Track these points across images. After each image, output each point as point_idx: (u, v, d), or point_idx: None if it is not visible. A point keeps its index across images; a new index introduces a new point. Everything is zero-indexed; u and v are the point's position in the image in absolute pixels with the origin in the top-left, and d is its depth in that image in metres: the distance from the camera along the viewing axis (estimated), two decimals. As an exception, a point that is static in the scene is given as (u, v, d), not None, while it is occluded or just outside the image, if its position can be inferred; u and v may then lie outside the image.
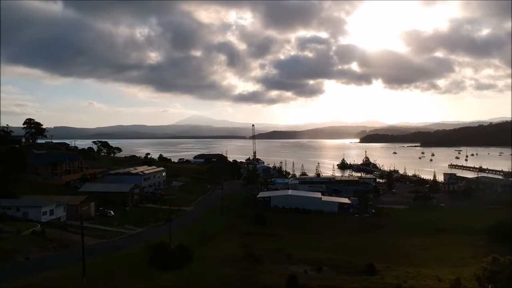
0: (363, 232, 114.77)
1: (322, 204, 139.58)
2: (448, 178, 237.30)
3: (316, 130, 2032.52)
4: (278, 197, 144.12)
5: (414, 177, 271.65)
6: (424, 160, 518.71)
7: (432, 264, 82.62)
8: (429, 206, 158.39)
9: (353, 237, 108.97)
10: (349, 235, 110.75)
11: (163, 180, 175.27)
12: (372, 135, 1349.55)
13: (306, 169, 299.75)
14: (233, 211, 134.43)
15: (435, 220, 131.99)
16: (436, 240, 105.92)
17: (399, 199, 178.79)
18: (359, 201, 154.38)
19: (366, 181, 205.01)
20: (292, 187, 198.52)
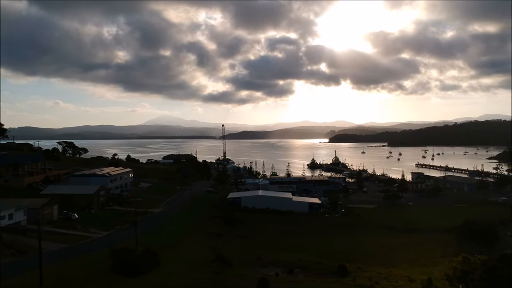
0: (333, 232, 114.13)
1: (293, 204, 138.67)
2: (415, 177, 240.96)
3: (286, 130, 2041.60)
4: (248, 197, 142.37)
5: (382, 176, 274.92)
6: (392, 160, 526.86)
7: (403, 264, 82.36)
8: (398, 205, 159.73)
9: (323, 237, 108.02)
10: (319, 235, 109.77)
11: (130, 181, 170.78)
12: (341, 135, 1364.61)
13: (276, 169, 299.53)
14: (202, 212, 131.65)
15: (404, 219, 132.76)
16: (406, 239, 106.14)
17: (369, 198, 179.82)
18: (329, 200, 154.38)
19: (336, 181, 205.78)
20: (262, 187, 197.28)
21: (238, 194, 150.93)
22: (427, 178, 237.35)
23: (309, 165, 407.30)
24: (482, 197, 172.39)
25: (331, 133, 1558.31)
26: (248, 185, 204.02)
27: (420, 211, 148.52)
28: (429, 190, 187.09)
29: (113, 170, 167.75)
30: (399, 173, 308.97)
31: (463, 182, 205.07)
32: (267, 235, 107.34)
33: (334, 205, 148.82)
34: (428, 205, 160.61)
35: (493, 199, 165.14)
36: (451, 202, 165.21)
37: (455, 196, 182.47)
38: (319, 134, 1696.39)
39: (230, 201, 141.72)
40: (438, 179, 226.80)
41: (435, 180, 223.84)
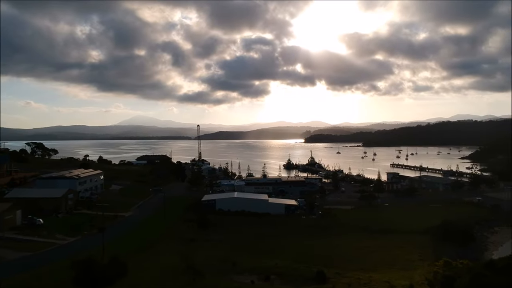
0: (310, 235, 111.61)
1: (269, 206, 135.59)
2: (391, 177, 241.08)
3: (262, 130, 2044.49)
4: (224, 200, 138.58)
5: (358, 177, 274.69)
6: (366, 160, 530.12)
7: (382, 268, 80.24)
8: (374, 205, 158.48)
9: (300, 240, 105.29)
10: (296, 238, 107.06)
11: (101, 183, 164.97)
12: (317, 135, 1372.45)
13: (252, 170, 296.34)
14: (176, 215, 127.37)
15: (380, 220, 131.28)
16: (384, 241, 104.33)
17: (345, 199, 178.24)
18: (306, 202, 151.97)
19: (312, 182, 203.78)
20: (238, 188, 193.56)
21: (212, 196, 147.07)
22: (402, 178, 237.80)
23: (285, 165, 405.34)
24: (457, 197, 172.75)
25: (306, 134, 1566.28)
26: (224, 186, 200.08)
27: (396, 212, 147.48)
28: (405, 190, 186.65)
29: (83, 172, 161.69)
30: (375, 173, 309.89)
31: (438, 182, 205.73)
32: (242, 239, 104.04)
33: (310, 207, 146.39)
34: (404, 205, 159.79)
35: (468, 199, 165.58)
36: (427, 202, 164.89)
37: (430, 196, 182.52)
38: (294, 135, 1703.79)
39: (205, 204, 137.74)
40: (413, 179, 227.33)
41: (410, 180, 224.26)
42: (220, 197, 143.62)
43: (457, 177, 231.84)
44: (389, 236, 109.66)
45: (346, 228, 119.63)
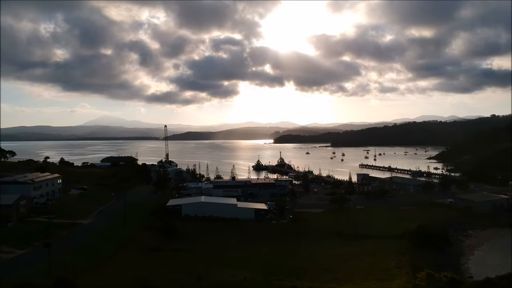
0: (282, 241, 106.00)
1: (238, 211, 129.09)
2: (361, 178, 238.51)
3: (231, 131, 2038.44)
4: (190, 204, 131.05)
5: (328, 178, 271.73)
6: (335, 160, 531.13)
7: (358, 278, 75.34)
8: (345, 208, 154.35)
9: (271, 247, 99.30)
10: (267, 246, 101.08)
11: (58, 188, 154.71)
12: (286, 136, 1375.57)
13: (221, 172, 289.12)
14: (138, 222, 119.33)
15: (353, 224, 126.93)
16: (358, 247, 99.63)
17: (316, 201, 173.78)
18: (276, 206, 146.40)
19: (282, 184, 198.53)
20: (205, 191, 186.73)
21: (178, 201, 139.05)
22: (373, 179, 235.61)
23: (255, 166, 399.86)
24: (428, 199, 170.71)
25: (275, 134, 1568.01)
26: (191, 189, 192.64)
27: (368, 215, 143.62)
28: (376, 192, 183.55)
29: (38, 176, 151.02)
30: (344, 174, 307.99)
31: (408, 183, 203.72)
32: (209, 248, 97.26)
33: (281, 211, 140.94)
34: (376, 208, 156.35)
35: (439, 201, 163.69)
36: (398, 204, 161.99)
37: (402, 198, 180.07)
38: (264, 135, 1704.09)
39: (170, 209, 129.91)
40: (384, 180, 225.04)
41: (380, 182, 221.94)
42: (186, 201, 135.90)
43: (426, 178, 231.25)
44: (363, 242, 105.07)
45: (318, 234, 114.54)
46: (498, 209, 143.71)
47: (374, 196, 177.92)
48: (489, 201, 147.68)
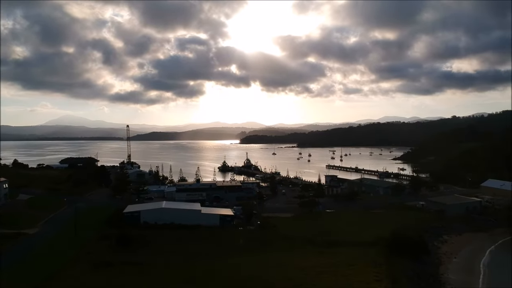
0: (249, 251, 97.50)
1: (202, 218, 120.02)
2: (329, 180, 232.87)
3: (197, 131, 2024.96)
4: (149, 211, 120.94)
5: (296, 179, 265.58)
6: (302, 161, 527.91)
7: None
8: (315, 212, 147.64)
9: (237, 259, 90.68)
10: (232, 257, 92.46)
11: (4, 193, 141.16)
12: (252, 136, 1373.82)
13: (185, 173, 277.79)
14: (92, 231, 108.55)
15: (324, 230, 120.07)
16: (332, 257, 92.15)
17: (284, 205, 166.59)
18: (243, 210, 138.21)
19: (249, 186, 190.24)
20: (168, 195, 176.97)
21: (137, 207, 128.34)
22: (341, 181, 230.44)
23: (220, 168, 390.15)
24: (399, 202, 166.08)
25: (242, 134, 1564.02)
26: (152, 193, 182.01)
27: (339, 219, 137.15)
28: (346, 194, 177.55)
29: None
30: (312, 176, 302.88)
31: (378, 185, 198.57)
32: (169, 261, 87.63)
33: (248, 216, 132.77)
34: (346, 211, 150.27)
35: (410, 204, 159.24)
36: (369, 207, 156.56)
37: (372, 200, 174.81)
38: (230, 135, 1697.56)
39: (128, 216, 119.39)
40: (353, 182, 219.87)
41: (349, 183, 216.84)
42: (145, 207, 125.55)
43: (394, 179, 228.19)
44: (337, 250, 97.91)
45: (288, 241, 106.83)
46: (471, 212, 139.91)
47: (343, 199, 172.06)
48: (461, 204, 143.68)
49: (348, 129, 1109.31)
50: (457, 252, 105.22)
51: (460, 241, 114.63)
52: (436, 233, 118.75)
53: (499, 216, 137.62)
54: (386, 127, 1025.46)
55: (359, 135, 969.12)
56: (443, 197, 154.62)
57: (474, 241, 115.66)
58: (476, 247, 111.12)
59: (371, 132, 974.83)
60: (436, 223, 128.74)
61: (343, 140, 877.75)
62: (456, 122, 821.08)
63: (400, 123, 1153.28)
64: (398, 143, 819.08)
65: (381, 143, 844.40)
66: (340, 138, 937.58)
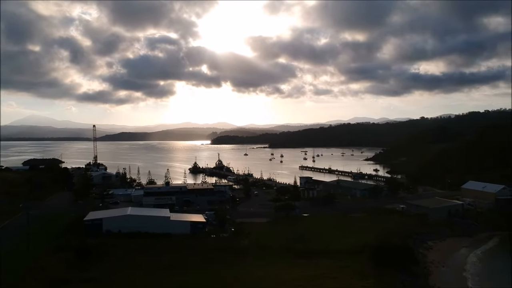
0: (223, 262, 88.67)
1: (171, 225, 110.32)
2: (304, 182, 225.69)
3: (167, 131, 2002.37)
4: (113, 218, 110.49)
5: (269, 181, 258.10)
6: (274, 162, 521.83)
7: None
8: (292, 217, 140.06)
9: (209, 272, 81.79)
10: (204, 269, 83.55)
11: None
12: (223, 137, 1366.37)
13: (154, 175, 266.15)
14: (48, 242, 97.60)
15: (303, 236, 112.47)
16: (314, 268, 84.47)
17: (259, 209, 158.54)
18: (216, 216, 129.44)
19: (222, 189, 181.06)
20: (135, 199, 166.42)
21: (99, 214, 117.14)
22: (317, 182, 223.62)
23: (191, 169, 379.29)
24: (378, 205, 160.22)
25: (213, 135, 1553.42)
26: (118, 197, 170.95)
27: (318, 225, 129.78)
28: (322, 197, 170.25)
29: None
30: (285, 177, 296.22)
31: (355, 187, 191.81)
32: (133, 276, 77.95)
33: (221, 222, 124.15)
34: (324, 216, 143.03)
35: (390, 207, 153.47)
36: (347, 211, 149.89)
37: (349, 203, 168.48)
38: (201, 136, 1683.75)
39: (88, 224, 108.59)
40: (329, 184, 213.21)
41: (325, 185, 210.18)
42: (108, 214, 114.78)
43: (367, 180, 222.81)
44: (319, 261, 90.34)
45: (265, 251, 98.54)
46: (453, 216, 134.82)
47: (320, 202, 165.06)
48: (443, 207, 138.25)
49: (319, 129, 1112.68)
50: (444, 260, 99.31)
51: (445, 248, 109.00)
52: (421, 239, 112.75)
53: (481, 220, 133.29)
54: (357, 128, 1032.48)
55: (330, 135, 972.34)
56: (425, 200, 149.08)
57: (459, 247, 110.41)
58: (463, 253, 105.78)
59: (342, 133, 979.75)
60: (419, 228, 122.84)
61: (314, 141, 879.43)
62: (425, 123, 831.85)
63: (370, 123, 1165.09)
64: (368, 144, 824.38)
65: (352, 144, 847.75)
66: (311, 138, 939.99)
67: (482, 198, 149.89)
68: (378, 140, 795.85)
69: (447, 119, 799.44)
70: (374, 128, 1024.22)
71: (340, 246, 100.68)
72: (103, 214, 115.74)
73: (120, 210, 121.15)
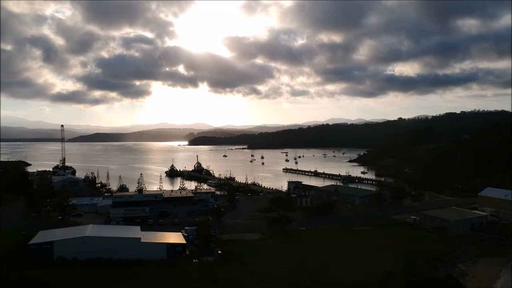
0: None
1: (142, 249, 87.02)
2: (293, 187, 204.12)
3: (143, 132, 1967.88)
4: (67, 241, 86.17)
5: (254, 186, 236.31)
6: (256, 164, 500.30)
7: None
8: (287, 231, 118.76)
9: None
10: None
11: None
12: (201, 138, 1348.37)
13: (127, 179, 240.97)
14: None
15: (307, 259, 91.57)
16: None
17: (247, 221, 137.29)
18: (198, 233, 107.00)
19: (204, 198, 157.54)
20: (102, 210, 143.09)
21: (50, 235, 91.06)
22: (307, 188, 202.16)
23: (168, 172, 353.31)
24: (382, 215, 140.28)
25: (190, 136, 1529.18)
26: (82, 208, 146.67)
27: (320, 242, 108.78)
28: (319, 206, 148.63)
29: None
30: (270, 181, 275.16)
31: (353, 194, 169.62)
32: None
33: (205, 241, 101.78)
34: (324, 230, 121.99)
35: (397, 217, 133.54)
36: (349, 223, 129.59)
37: (349, 213, 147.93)
38: (178, 137, 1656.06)
39: (34, 249, 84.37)
40: (322, 190, 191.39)
41: (317, 191, 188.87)
42: (62, 235, 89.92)
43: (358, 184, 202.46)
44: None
45: (264, 283, 76.69)
46: (477, 230, 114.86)
47: (316, 212, 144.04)
48: (466, 220, 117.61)
49: (297, 130, 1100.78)
50: (487, 291, 78.99)
51: (482, 273, 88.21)
52: (450, 263, 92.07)
53: (508, 234, 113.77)
54: (335, 129, 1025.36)
55: (309, 136, 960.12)
56: (441, 211, 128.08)
57: (497, 272, 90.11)
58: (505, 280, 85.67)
59: (320, 134, 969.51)
60: (442, 246, 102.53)
61: (293, 142, 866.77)
62: (403, 124, 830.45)
63: (348, 124, 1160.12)
64: (347, 145, 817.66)
65: (331, 145, 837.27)
66: (290, 139, 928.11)
67: (504, 208, 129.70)
68: (357, 141, 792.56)
69: (424, 119, 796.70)
70: (352, 129, 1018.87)
71: (357, 276, 79.82)
72: (56, 235, 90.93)
73: (77, 229, 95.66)
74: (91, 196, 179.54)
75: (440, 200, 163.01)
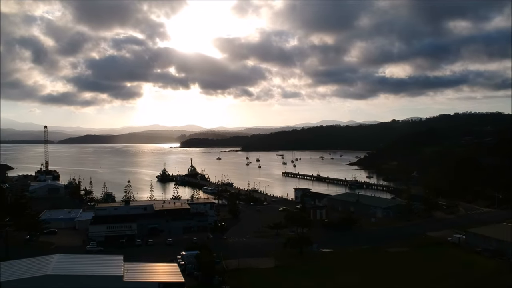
0: None
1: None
2: (301, 195, 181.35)
3: (134, 134, 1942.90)
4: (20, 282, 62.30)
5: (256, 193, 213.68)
6: (252, 167, 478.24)
7: None
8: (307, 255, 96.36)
9: None
10: None
11: None
12: (193, 140, 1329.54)
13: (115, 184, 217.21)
14: None
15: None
16: None
17: (255, 239, 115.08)
18: (198, 261, 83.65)
19: (202, 211, 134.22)
20: (80, 226, 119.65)
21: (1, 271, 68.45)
22: (317, 196, 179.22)
23: (160, 177, 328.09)
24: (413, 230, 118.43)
25: (182, 138, 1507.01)
26: (57, 223, 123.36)
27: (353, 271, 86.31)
28: (340, 221, 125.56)
29: None
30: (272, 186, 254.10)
31: (375, 204, 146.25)
32: None
33: (208, 272, 78.81)
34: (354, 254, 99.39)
35: (434, 234, 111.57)
36: (379, 242, 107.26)
37: (373, 228, 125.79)
38: (169, 139, 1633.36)
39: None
40: (335, 199, 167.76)
41: (330, 201, 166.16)
42: (16, 273, 66.07)
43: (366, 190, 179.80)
44: None
45: None
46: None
47: (336, 228, 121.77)
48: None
49: (292, 132, 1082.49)
50: None
51: None
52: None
53: None
54: (329, 131, 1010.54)
55: (303, 138, 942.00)
56: (494, 229, 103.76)
57: None
58: None
59: (314, 136, 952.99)
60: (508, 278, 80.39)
61: (287, 144, 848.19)
62: (397, 125, 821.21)
63: (342, 126, 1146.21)
64: (342, 147, 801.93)
65: (326, 147, 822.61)
66: (284, 141, 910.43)
67: None
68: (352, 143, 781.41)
69: (418, 121, 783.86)
70: (346, 130, 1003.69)
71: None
72: (9, 271, 67.01)
73: (38, 262, 71.31)
74: (72, 206, 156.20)
75: (480, 213, 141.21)
